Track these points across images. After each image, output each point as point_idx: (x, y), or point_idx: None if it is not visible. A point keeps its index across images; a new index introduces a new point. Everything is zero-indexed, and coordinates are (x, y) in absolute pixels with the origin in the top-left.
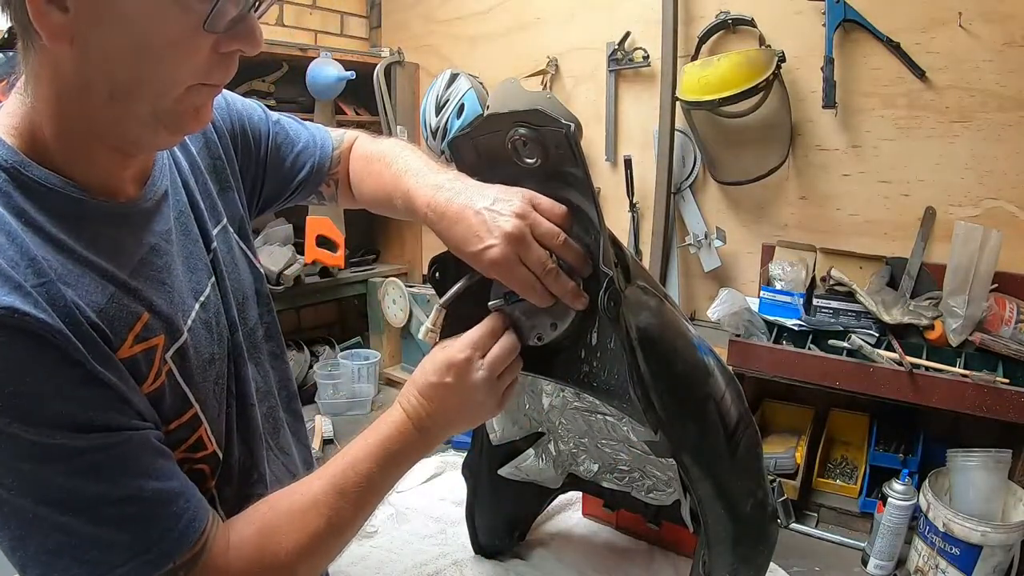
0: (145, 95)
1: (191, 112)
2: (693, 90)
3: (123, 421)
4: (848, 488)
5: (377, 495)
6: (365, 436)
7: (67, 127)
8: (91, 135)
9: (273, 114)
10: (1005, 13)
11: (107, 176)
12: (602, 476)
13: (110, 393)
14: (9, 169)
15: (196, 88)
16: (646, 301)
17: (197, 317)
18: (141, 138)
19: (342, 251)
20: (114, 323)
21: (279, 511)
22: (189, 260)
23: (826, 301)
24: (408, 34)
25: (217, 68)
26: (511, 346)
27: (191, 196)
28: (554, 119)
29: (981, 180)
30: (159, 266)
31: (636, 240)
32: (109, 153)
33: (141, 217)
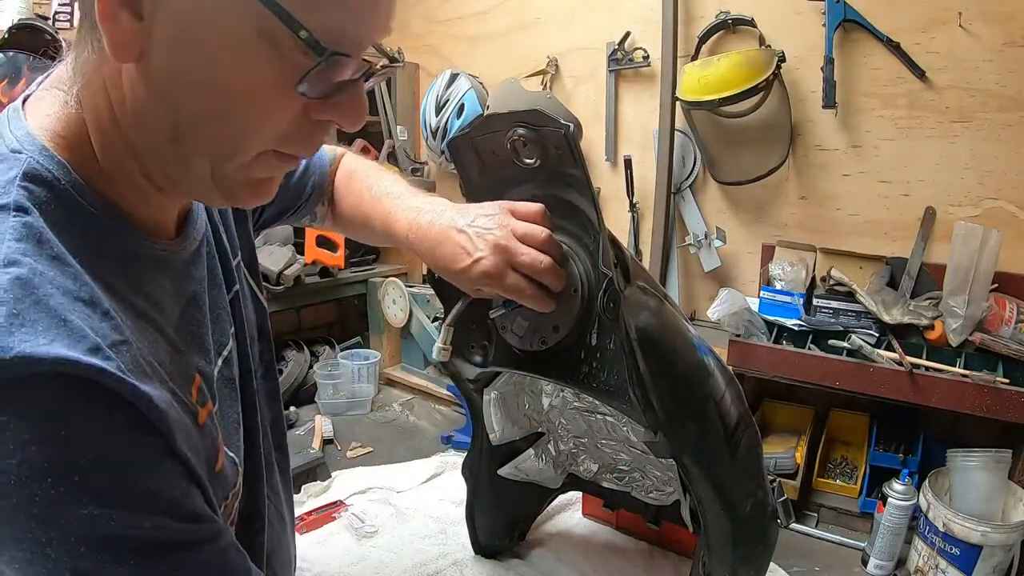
0: (208, 148)
1: (252, 184)
2: (693, 90)
3: (208, 512)
4: (848, 488)
5: None
6: None
7: (116, 148)
8: (138, 166)
9: None
10: (1005, 13)
11: (152, 211)
12: (602, 476)
13: (192, 476)
14: (62, 192)
15: (268, 156)
16: (646, 301)
17: (219, 376)
18: (190, 191)
19: (342, 251)
20: (180, 387)
21: None
22: (215, 309)
23: (826, 301)
24: (408, 34)
25: (300, 138)
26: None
27: (215, 231)
28: (553, 119)
29: (981, 180)
30: (197, 320)
31: (636, 240)
32: (155, 189)
33: (184, 263)
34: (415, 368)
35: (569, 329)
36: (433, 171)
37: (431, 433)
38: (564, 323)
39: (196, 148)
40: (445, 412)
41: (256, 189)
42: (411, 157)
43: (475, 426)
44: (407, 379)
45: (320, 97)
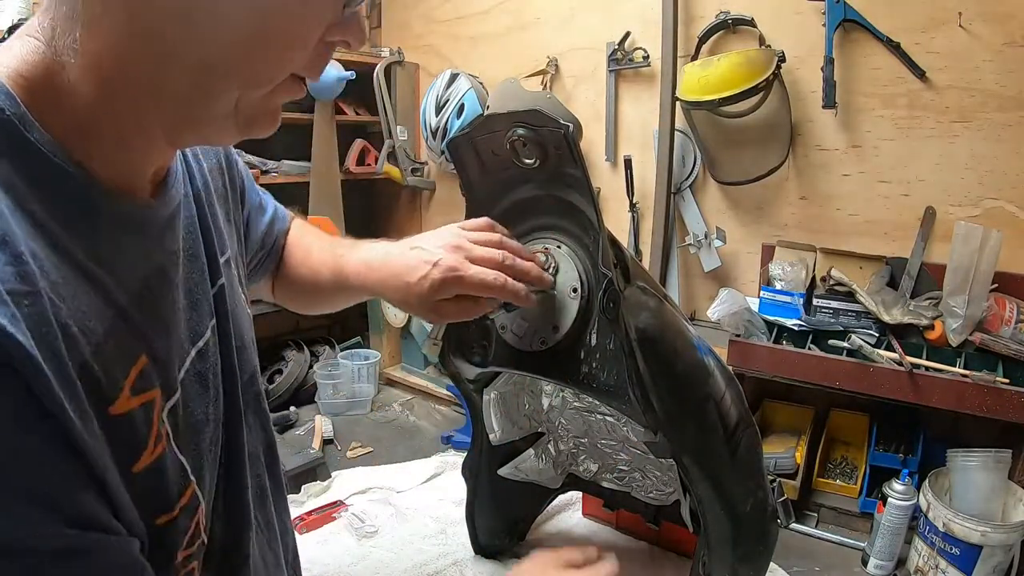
0: (243, 75)
1: (272, 111)
2: (693, 90)
3: (103, 517)
4: (848, 488)
5: None
6: None
7: (116, 95)
8: (141, 111)
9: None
10: (1005, 13)
11: (129, 168)
12: (602, 476)
13: (88, 470)
14: (5, 121)
15: (290, 80)
16: (645, 301)
17: (191, 368)
18: (204, 129)
19: None
20: (110, 363)
21: None
22: (192, 293)
23: (826, 301)
24: (408, 34)
25: (318, 60)
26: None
27: (202, 213)
28: (553, 119)
29: (981, 180)
30: (161, 295)
31: (636, 240)
32: (146, 140)
33: (155, 227)
34: (415, 368)
35: (568, 329)
36: (433, 171)
37: (431, 433)
38: (564, 323)
39: (228, 78)
40: (445, 412)
41: (274, 115)
42: (411, 157)
43: (475, 426)
44: (407, 379)
45: (346, 14)
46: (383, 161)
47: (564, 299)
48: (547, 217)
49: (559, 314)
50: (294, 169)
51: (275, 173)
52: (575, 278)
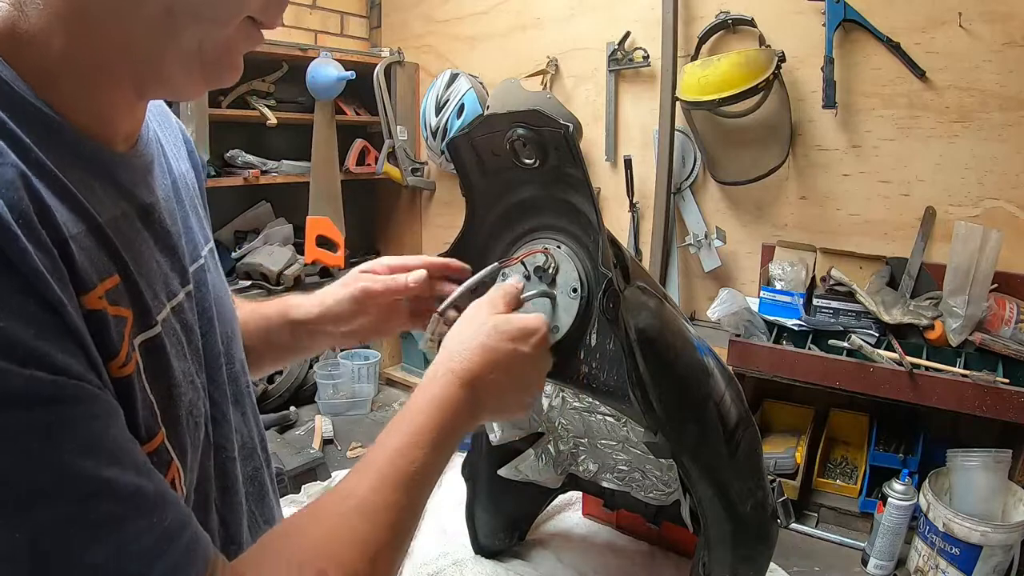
0: (205, 15)
1: (233, 55)
2: (693, 90)
3: (84, 372)
4: (848, 488)
5: (433, 480)
6: (410, 415)
7: (82, 45)
8: (108, 61)
9: None
10: (1005, 13)
11: (99, 119)
12: (602, 476)
13: (66, 328)
14: None
15: (246, 24)
16: (645, 301)
17: (167, 321)
18: (172, 74)
19: (342, 251)
20: (85, 257)
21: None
22: (166, 252)
23: (826, 301)
24: (408, 34)
25: (272, 6)
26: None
27: (178, 196)
28: (553, 119)
29: (981, 180)
30: (133, 238)
31: (636, 240)
32: (113, 90)
33: (126, 174)
34: (415, 368)
35: (568, 329)
36: (433, 171)
37: None
38: (564, 323)
39: (195, 17)
40: None
41: (236, 63)
42: (411, 157)
43: None
44: (407, 379)
45: None
46: (383, 161)
47: (564, 299)
48: (547, 217)
49: (559, 314)
50: (294, 169)
51: (275, 173)
52: (575, 278)
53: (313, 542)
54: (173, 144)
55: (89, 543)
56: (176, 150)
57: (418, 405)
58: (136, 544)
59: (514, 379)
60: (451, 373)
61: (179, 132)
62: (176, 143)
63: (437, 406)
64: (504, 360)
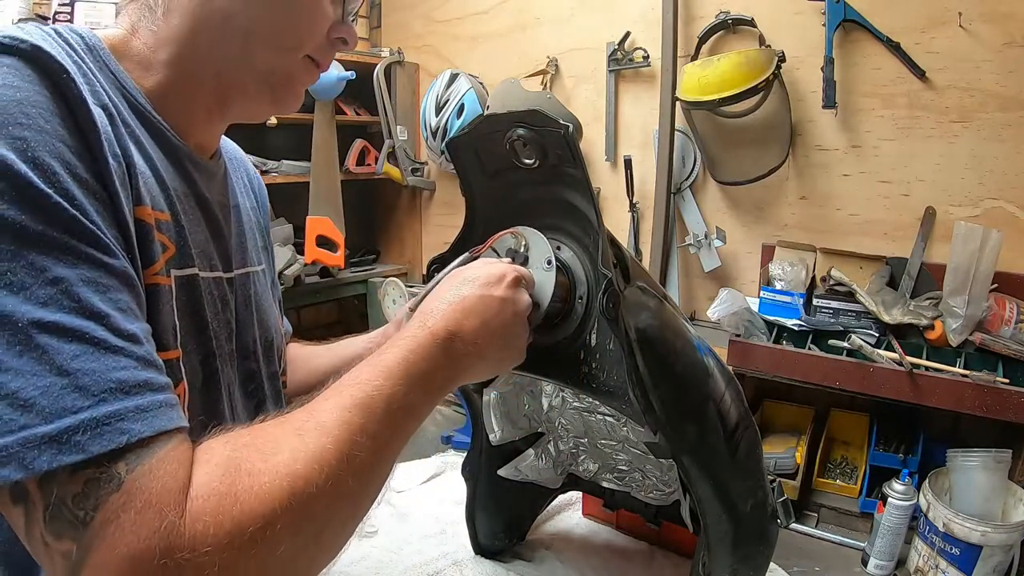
0: (276, 44)
1: (296, 85)
2: (693, 90)
3: (109, 245)
4: (848, 488)
5: (405, 416)
6: (377, 355)
7: (178, 59)
8: (197, 74)
9: None
10: (1005, 13)
11: (182, 122)
12: (602, 476)
13: (110, 210)
14: (94, 47)
15: (307, 61)
16: (645, 301)
17: (209, 279)
18: (248, 92)
19: (342, 251)
20: (142, 184)
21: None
22: (214, 236)
23: (826, 301)
24: (408, 34)
25: (326, 50)
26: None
27: (238, 216)
28: (552, 119)
29: (981, 180)
30: (188, 208)
31: (636, 240)
32: (197, 101)
33: (194, 168)
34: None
35: (549, 303)
36: (433, 171)
37: (431, 433)
38: (543, 298)
39: (269, 45)
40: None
41: (296, 92)
42: (411, 157)
43: (475, 426)
44: None
45: (345, 17)
46: (383, 161)
47: (540, 274)
48: (547, 217)
49: (537, 291)
50: (294, 169)
51: (275, 173)
52: (546, 251)
53: (271, 449)
54: (242, 186)
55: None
56: (244, 190)
57: (387, 349)
58: (120, 372)
59: (492, 325)
60: (423, 327)
61: (248, 180)
62: (245, 187)
63: (406, 347)
64: (478, 306)
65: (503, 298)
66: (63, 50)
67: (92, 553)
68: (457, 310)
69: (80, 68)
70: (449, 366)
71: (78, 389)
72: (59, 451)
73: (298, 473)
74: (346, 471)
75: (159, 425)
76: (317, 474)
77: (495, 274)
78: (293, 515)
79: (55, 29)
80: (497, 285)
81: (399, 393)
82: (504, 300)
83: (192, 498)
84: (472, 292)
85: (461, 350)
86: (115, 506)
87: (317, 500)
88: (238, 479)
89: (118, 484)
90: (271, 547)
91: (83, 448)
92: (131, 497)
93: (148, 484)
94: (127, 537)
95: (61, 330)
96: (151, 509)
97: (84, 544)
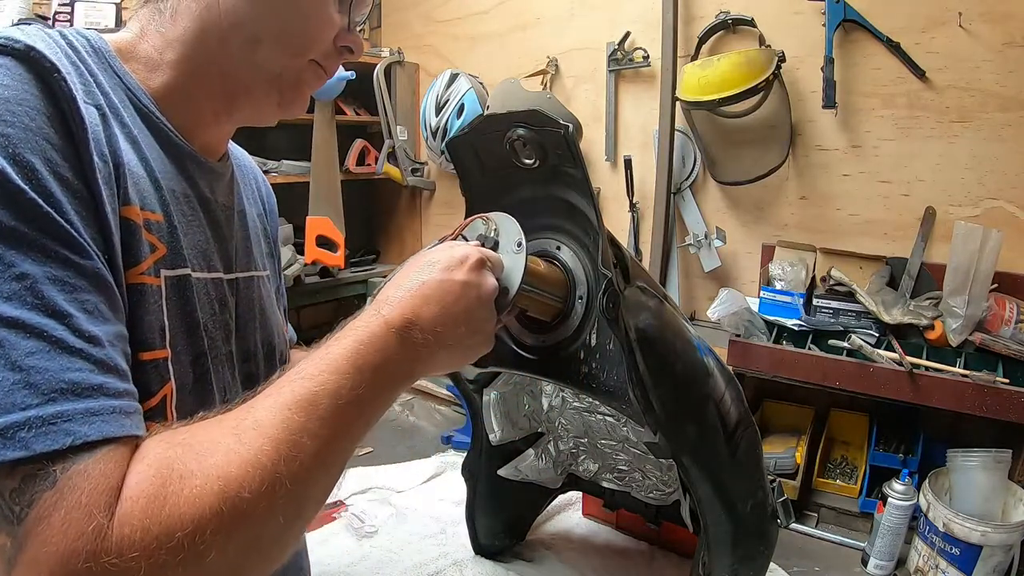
0: (283, 47)
1: (303, 88)
2: (693, 90)
3: (83, 244)
4: (848, 488)
5: (353, 410)
6: (325, 347)
7: (186, 60)
8: (205, 75)
9: None
10: (1005, 13)
11: (188, 123)
12: (602, 476)
13: (91, 209)
14: (99, 49)
15: (313, 66)
16: (645, 302)
17: (202, 280)
18: (256, 94)
19: (342, 251)
20: (131, 185)
21: (199, 433)
22: (215, 237)
23: (826, 301)
24: (408, 34)
25: (332, 57)
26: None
27: (243, 221)
28: (552, 119)
29: (981, 180)
30: (188, 209)
31: (636, 240)
32: (204, 102)
33: (197, 169)
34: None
35: (519, 285)
36: (433, 171)
37: (431, 433)
38: (513, 282)
39: (275, 47)
40: (445, 412)
41: (303, 96)
42: (411, 157)
43: (475, 426)
44: None
45: (351, 26)
46: (383, 161)
47: (510, 258)
48: (547, 217)
49: (509, 275)
50: (294, 169)
51: (275, 173)
52: (516, 232)
53: (206, 449)
54: (250, 192)
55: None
56: (253, 196)
57: (337, 340)
58: (73, 374)
59: (454, 311)
60: (378, 315)
61: (257, 187)
62: (253, 194)
63: (356, 337)
64: (437, 292)
65: (465, 282)
66: (60, 51)
67: (24, 550)
68: (416, 296)
69: (78, 69)
70: (407, 357)
71: (29, 386)
72: (2, 446)
73: (231, 476)
74: (284, 474)
75: (107, 431)
76: (252, 477)
77: (456, 257)
78: (225, 520)
79: (61, 32)
80: (459, 268)
81: (346, 387)
82: (466, 284)
83: (122, 500)
84: (432, 277)
85: (420, 339)
86: (48, 504)
87: (252, 504)
88: (169, 481)
89: (52, 482)
90: (201, 553)
91: (26, 445)
92: (62, 496)
93: (80, 484)
94: (56, 537)
95: (20, 326)
96: (80, 510)
97: (18, 540)
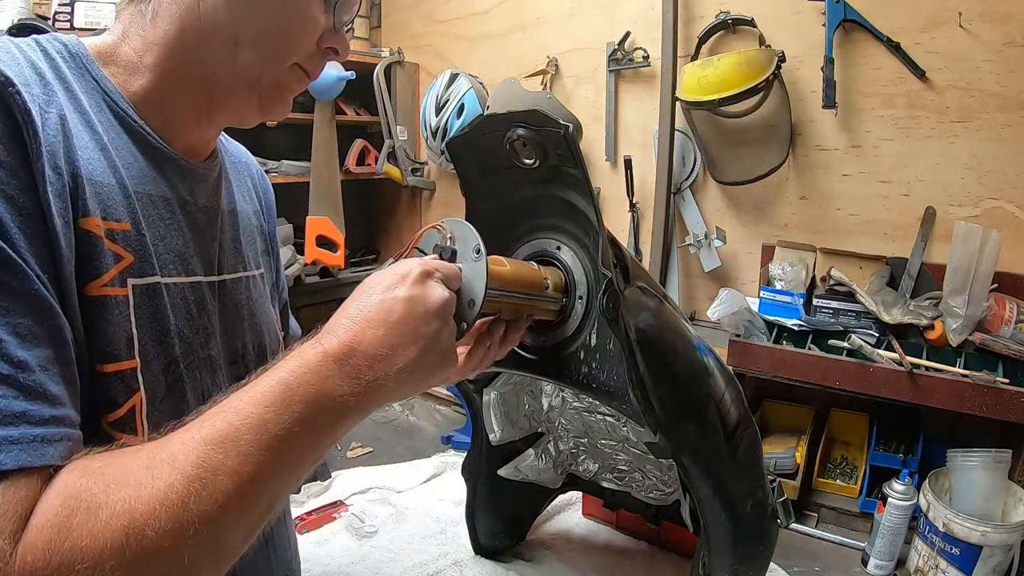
0: (264, 51)
1: (284, 92)
2: (693, 90)
3: (20, 265)
4: (848, 488)
5: (284, 445)
6: (256, 379)
7: (166, 63)
8: (185, 77)
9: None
10: (1005, 13)
11: (168, 125)
12: (602, 476)
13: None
14: (77, 54)
15: (296, 69)
16: (645, 302)
17: (178, 285)
18: (236, 97)
19: (342, 251)
20: (92, 195)
21: (114, 463)
22: (196, 240)
23: (826, 301)
24: (408, 34)
25: (316, 59)
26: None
27: (234, 220)
28: (552, 120)
29: (981, 180)
30: (165, 212)
31: (636, 240)
32: (185, 104)
33: (175, 172)
34: None
35: (483, 296)
36: (433, 171)
37: (431, 433)
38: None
39: (257, 50)
40: (445, 412)
41: (286, 102)
42: (411, 157)
43: (475, 426)
44: None
45: (336, 26)
46: (383, 161)
47: (469, 265)
48: (547, 217)
49: (471, 285)
50: (294, 169)
51: (275, 173)
52: (474, 238)
53: (117, 481)
54: (244, 190)
55: None
56: (247, 194)
57: (268, 373)
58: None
59: (400, 330)
60: (316, 346)
61: (253, 183)
62: (248, 191)
63: (288, 368)
64: (379, 314)
65: (407, 297)
66: (23, 62)
67: None
68: (359, 321)
69: (43, 78)
70: (350, 388)
71: None
72: None
73: (137, 512)
74: (195, 512)
75: (24, 460)
76: (158, 515)
77: (399, 273)
78: (127, 557)
79: (36, 39)
80: (400, 284)
81: (272, 421)
82: (409, 299)
83: (29, 528)
84: (372, 300)
85: (364, 365)
86: None
87: (155, 543)
88: (76, 513)
89: None
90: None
91: None
92: None
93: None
94: None
95: None
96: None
97: None
